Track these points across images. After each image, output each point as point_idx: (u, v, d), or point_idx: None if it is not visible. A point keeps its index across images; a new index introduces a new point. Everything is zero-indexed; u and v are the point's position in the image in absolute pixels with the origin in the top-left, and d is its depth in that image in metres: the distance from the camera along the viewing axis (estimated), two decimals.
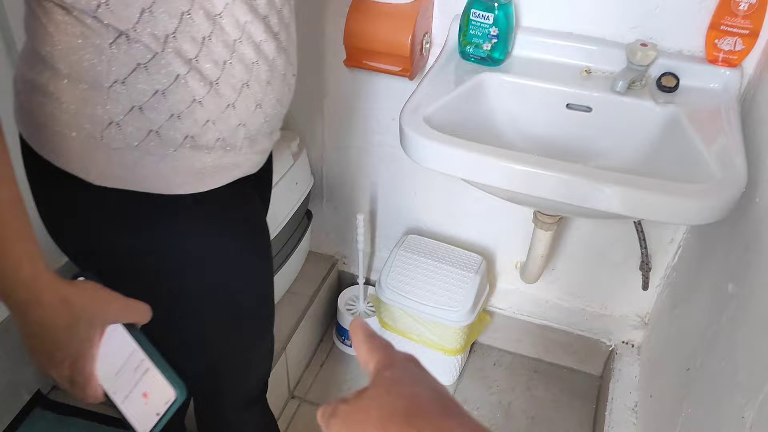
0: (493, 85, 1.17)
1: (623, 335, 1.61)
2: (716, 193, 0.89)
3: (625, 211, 0.93)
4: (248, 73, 0.73)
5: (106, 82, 0.65)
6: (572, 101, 1.15)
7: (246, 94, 0.73)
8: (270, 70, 0.76)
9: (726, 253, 1.07)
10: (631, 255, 1.46)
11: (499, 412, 1.61)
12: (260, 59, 0.73)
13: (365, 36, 1.21)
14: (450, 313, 1.49)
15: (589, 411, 1.63)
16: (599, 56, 1.17)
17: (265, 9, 0.72)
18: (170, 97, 0.67)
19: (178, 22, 0.64)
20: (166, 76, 0.66)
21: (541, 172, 0.94)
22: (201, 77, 0.68)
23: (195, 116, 0.70)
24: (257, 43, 0.72)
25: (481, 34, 1.16)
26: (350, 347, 1.73)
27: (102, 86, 0.65)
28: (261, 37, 0.73)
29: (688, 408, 1.05)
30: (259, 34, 0.72)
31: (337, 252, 1.80)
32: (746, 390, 0.83)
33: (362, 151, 1.55)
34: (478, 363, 1.74)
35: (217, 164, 0.75)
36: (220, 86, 0.70)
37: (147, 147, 0.69)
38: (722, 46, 1.10)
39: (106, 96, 0.66)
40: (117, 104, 0.66)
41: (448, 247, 1.60)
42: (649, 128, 1.10)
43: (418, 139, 0.99)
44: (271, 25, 0.74)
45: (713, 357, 1.00)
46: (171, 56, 0.65)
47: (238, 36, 0.70)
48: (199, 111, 0.70)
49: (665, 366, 1.33)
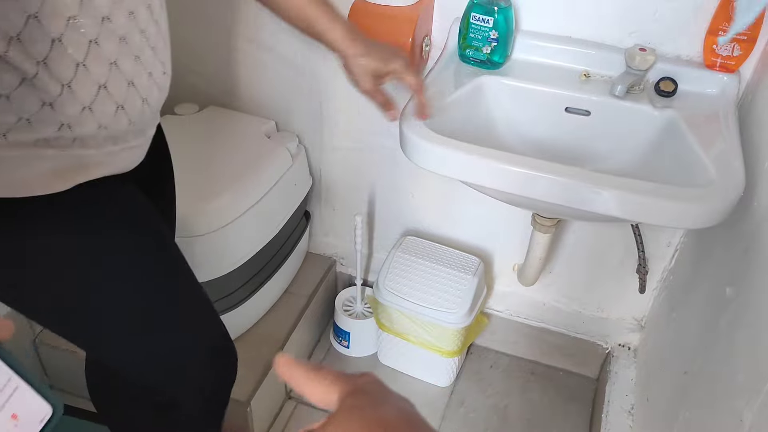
0: (492, 88, 1.18)
1: (620, 338, 1.62)
2: (714, 197, 0.90)
3: (623, 214, 0.94)
4: (107, 73, 0.69)
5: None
6: (571, 105, 1.15)
7: (103, 95, 0.70)
8: (134, 69, 0.72)
9: (724, 256, 1.08)
10: (628, 258, 1.47)
11: (495, 415, 1.61)
12: (122, 57, 0.70)
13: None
14: (447, 314, 1.50)
15: (585, 414, 1.63)
16: (598, 60, 1.18)
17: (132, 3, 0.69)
18: (17, 100, 0.64)
19: (23, 24, 0.61)
20: (13, 78, 0.63)
21: (540, 174, 0.94)
22: (52, 78, 0.64)
23: (47, 119, 0.66)
24: (120, 38, 0.69)
25: (481, 37, 1.16)
26: (347, 348, 1.73)
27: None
28: (124, 31, 0.69)
29: (686, 411, 1.06)
30: (122, 27, 0.69)
31: (335, 253, 1.80)
32: (745, 392, 0.83)
33: (361, 153, 1.55)
34: (475, 365, 1.74)
35: (74, 164, 0.71)
36: (73, 88, 0.66)
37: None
38: (720, 52, 1.11)
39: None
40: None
41: (446, 249, 1.60)
42: (648, 132, 1.11)
43: (418, 141, 1.00)
44: (138, 20, 0.71)
45: (711, 360, 1.01)
46: (19, 58, 0.62)
47: (96, 34, 0.66)
48: (51, 114, 0.66)
49: (662, 369, 1.33)
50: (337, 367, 1.51)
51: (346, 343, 1.73)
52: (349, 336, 1.71)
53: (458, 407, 1.63)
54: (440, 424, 1.59)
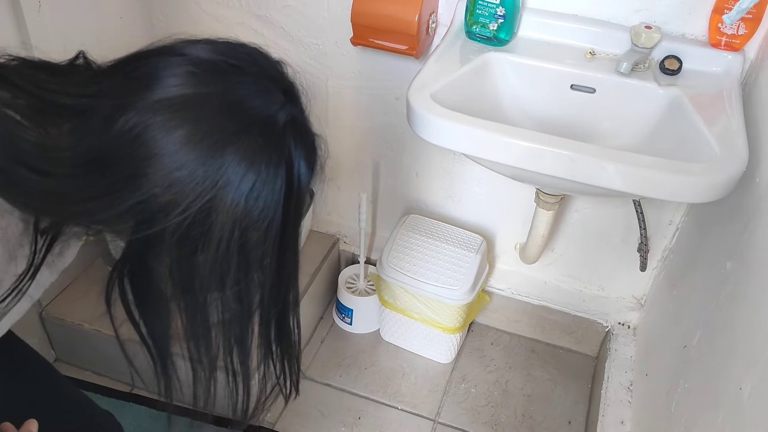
0: (498, 64, 1.18)
1: (619, 316, 1.64)
2: (718, 172, 0.91)
3: (628, 188, 0.95)
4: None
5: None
6: (576, 82, 1.16)
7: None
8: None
9: (725, 232, 1.10)
10: (628, 237, 1.48)
11: (496, 390, 1.64)
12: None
13: (372, 14, 1.22)
14: (450, 291, 1.52)
15: (585, 390, 1.66)
16: (603, 38, 1.18)
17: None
18: None
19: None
20: None
21: (545, 149, 0.95)
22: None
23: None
24: None
25: (488, 14, 1.17)
26: (350, 325, 1.75)
27: None
28: None
29: (685, 383, 1.08)
30: None
31: (338, 231, 1.81)
32: (744, 361, 0.85)
33: (365, 131, 1.56)
34: (476, 342, 1.76)
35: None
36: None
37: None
38: (725, 30, 1.11)
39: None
40: None
41: (449, 227, 1.62)
42: (652, 109, 1.12)
43: (426, 115, 1.01)
44: None
45: (711, 333, 1.03)
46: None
47: None
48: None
49: (661, 345, 1.35)
50: (340, 344, 1.54)
51: (348, 320, 1.75)
52: (352, 313, 1.73)
53: (460, 383, 1.65)
54: (442, 399, 1.61)
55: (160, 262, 0.60)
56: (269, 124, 0.60)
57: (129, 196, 0.55)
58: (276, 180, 0.59)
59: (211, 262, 0.59)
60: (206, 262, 0.59)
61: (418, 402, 1.60)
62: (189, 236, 0.57)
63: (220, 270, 0.60)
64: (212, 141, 0.56)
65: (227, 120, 0.57)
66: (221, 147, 0.56)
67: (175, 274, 0.61)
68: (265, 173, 0.58)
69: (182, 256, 0.60)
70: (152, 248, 0.59)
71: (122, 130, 0.55)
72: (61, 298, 1.58)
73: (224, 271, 0.61)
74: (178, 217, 0.56)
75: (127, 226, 0.58)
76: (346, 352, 1.71)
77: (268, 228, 0.61)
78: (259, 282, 0.64)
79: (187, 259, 0.60)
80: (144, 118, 0.54)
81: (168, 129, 0.54)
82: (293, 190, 0.62)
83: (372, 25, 1.23)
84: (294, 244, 0.67)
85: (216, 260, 0.59)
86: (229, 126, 0.57)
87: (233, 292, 0.64)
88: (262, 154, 0.58)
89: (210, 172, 0.55)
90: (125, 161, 0.55)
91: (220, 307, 0.65)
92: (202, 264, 0.60)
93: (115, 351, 0.70)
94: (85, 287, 1.61)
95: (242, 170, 0.57)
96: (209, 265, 0.59)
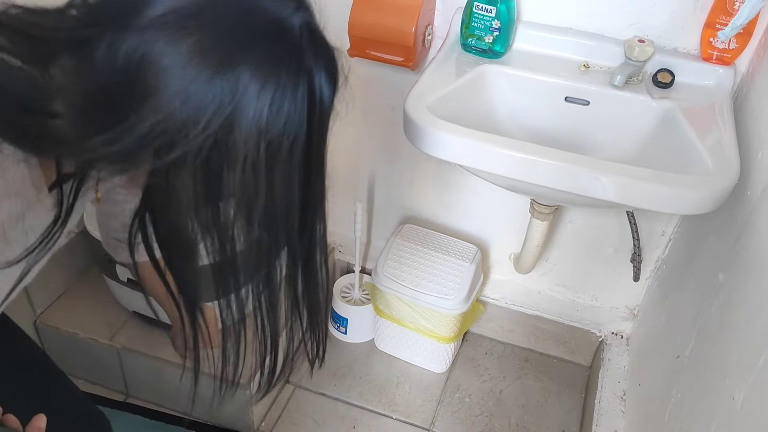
0: (494, 77, 1.20)
1: (613, 326, 1.65)
2: (711, 184, 0.93)
3: (621, 199, 0.96)
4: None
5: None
6: (571, 94, 1.18)
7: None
8: None
9: (717, 243, 1.11)
10: (622, 248, 1.49)
11: (490, 400, 1.64)
12: None
13: (369, 25, 1.23)
14: (445, 300, 1.52)
15: (578, 400, 1.66)
16: (597, 51, 1.20)
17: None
18: None
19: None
20: None
21: (540, 160, 0.97)
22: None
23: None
24: None
25: (484, 26, 1.18)
26: (345, 334, 1.76)
27: None
28: None
29: (678, 393, 1.09)
30: None
31: (333, 240, 1.82)
32: (736, 371, 0.86)
33: (361, 141, 1.57)
34: (470, 352, 1.77)
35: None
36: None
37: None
38: (717, 45, 1.13)
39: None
40: None
41: (444, 237, 1.63)
42: (645, 122, 1.14)
43: (423, 126, 1.02)
44: None
45: (704, 343, 1.04)
46: None
47: None
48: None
49: (654, 355, 1.36)
50: (334, 353, 1.53)
51: (343, 329, 1.75)
52: (346, 322, 1.73)
53: (454, 392, 1.66)
54: (436, 408, 1.62)
55: (185, 192, 0.57)
56: (284, 28, 0.56)
57: (145, 117, 0.52)
58: (297, 90, 0.56)
59: (239, 184, 0.56)
60: (233, 183, 0.56)
61: (413, 411, 1.61)
62: (213, 157, 0.54)
63: (247, 193, 0.57)
64: (224, 49, 0.52)
65: (238, 26, 0.54)
66: (235, 55, 0.53)
67: (201, 203, 0.58)
68: (285, 82, 0.55)
69: (208, 180, 0.56)
70: (176, 177, 0.56)
71: (127, 53, 0.51)
72: (56, 307, 1.58)
73: (251, 194, 0.58)
74: (199, 136, 0.53)
75: (148, 157, 0.54)
76: (340, 361, 1.72)
77: (294, 144, 0.58)
78: (287, 209, 0.61)
79: (213, 183, 0.57)
80: (147, 34, 0.51)
81: (175, 41, 0.51)
82: (315, 103, 0.59)
83: (369, 36, 1.24)
84: (320, 167, 0.64)
85: (243, 181, 0.56)
86: (241, 32, 0.53)
87: (261, 223, 0.60)
88: (280, 59, 0.55)
89: (226, 82, 0.52)
90: (135, 83, 0.52)
91: (248, 241, 0.61)
92: (228, 187, 0.57)
93: (110, 359, 0.69)
94: (80, 296, 1.60)
95: (261, 79, 0.53)
96: (237, 186, 0.56)
